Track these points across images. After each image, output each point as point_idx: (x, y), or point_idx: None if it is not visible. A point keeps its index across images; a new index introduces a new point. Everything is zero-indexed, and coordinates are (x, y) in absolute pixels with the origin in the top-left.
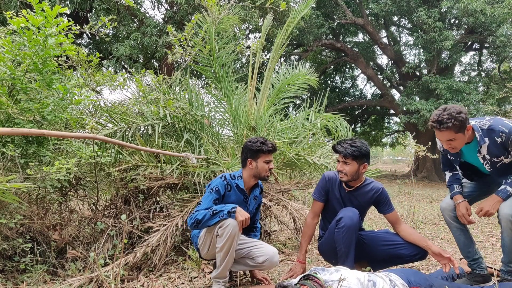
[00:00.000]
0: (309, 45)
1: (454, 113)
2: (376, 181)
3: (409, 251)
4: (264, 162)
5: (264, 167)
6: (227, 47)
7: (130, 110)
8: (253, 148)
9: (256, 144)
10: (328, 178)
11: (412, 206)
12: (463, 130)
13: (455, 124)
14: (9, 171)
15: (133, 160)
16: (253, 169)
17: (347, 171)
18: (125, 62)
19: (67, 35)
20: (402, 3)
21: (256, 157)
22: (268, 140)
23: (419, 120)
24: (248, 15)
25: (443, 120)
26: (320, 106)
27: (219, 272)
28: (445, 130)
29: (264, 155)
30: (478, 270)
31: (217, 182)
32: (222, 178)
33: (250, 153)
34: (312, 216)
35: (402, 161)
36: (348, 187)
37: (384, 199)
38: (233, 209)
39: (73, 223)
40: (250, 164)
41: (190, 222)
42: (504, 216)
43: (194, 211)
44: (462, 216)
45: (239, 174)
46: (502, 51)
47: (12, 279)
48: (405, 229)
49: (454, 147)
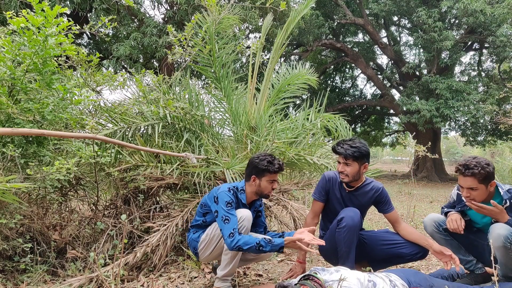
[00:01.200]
0: (309, 45)
1: (482, 162)
2: (376, 181)
3: (409, 250)
4: (268, 181)
5: (267, 187)
6: (227, 47)
7: (130, 110)
8: (259, 166)
9: (262, 162)
10: (328, 178)
11: (412, 206)
12: (486, 182)
13: (480, 172)
14: (9, 171)
15: (133, 160)
16: (256, 187)
17: (348, 172)
18: (125, 62)
19: (67, 35)
20: (402, 3)
21: (261, 175)
22: (276, 158)
23: (419, 120)
24: (248, 15)
25: (470, 166)
26: (320, 106)
27: (228, 271)
28: (469, 177)
29: (269, 174)
30: (477, 270)
31: (228, 196)
32: (231, 191)
33: (256, 170)
34: (312, 216)
35: (402, 161)
36: (349, 187)
37: (384, 199)
38: (281, 247)
39: (73, 223)
40: (254, 181)
41: (232, 246)
42: (495, 236)
43: (231, 232)
44: (453, 220)
45: (242, 187)
46: (502, 51)
47: (12, 279)
48: (405, 228)
49: (472, 198)
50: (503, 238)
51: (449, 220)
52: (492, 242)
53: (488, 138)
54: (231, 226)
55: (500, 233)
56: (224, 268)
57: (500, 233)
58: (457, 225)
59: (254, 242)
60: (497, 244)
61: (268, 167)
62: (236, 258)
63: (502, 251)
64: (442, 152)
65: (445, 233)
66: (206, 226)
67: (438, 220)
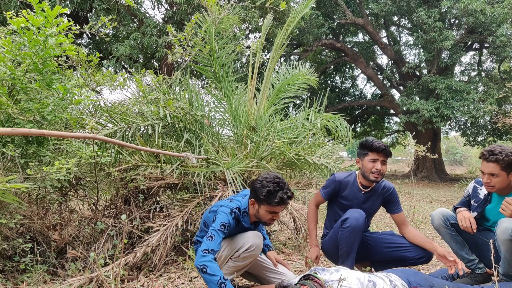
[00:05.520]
0: (309, 45)
1: (507, 150)
2: (387, 181)
3: (414, 254)
4: (267, 212)
5: (266, 216)
6: (227, 47)
7: (130, 110)
8: (257, 193)
9: (262, 190)
10: (340, 181)
11: (412, 206)
12: (508, 170)
13: (504, 159)
14: (9, 171)
15: (133, 160)
16: (255, 211)
17: (384, 171)
18: (125, 62)
19: (67, 35)
20: (402, 3)
21: (259, 203)
22: (282, 188)
23: (419, 120)
24: (248, 15)
25: (495, 151)
26: (320, 106)
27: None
28: (492, 162)
29: (268, 206)
30: (478, 270)
31: (227, 218)
32: (232, 214)
33: (254, 195)
34: (315, 204)
35: (402, 161)
36: (365, 188)
37: (394, 199)
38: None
39: (73, 223)
40: (253, 205)
41: (198, 264)
42: (502, 229)
43: (206, 249)
44: (466, 219)
45: (245, 209)
46: (502, 51)
47: (12, 279)
48: (411, 231)
49: (492, 185)
50: (511, 231)
51: (461, 218)
52: (498, 235)
53: (488, 138)
54: (211, 245)
55: (509, 226)
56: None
57: (508, 226)
58: (470, 223)
59: (217, 282)
60: (503, 237)
61: (266, 198)
62: (239, 270)
63: (508, 244)
64: (442, 152)
65: (451, 228)
66: None
67: (446, 214)
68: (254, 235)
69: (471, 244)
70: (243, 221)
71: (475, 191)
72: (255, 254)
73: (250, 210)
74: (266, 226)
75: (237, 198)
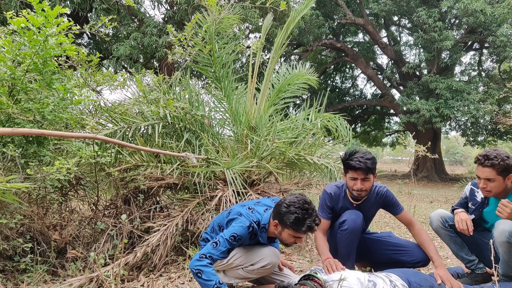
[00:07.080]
0: (309, 45)
1: (503, 154)
2: (379, 183)
3: (411, 258)
4: (290, 236)
5: (289, 240)
6: (227, 47)
7: (130, 110)
8: (284, 218)
9: (290, 216)
10: (331, 194)
11: (412, 206)
12: (504, 174)
13: (500, 164)
14: (9, 171)
15: (133, 160)
16: (277, 233)
17: (368, 187)
18: (125, 62)
19: (67, 35)
20: (402, 3)
21: (284, 226)
22: (310, 215)
23: (419, 120)
24: (248, 15)
25: (490, 156)
26: (320, 106)
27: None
28: (488, 167)
29: (293, 232)
30: (478, 270)
31: (242, 232)
32: (249, 229)
33: (279, 217)
34: (321, 231)
35: (402, 161)
36: (355, 200)
37: (390, 202)
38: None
39: (73, 223)
40: (275, 227)
41: (193, 266)
42: (499, 231)
43: (204, 254)
44: (463, 221)
45: (265, 225)
46: (502, 51)
47: (12, 279)
48: (417, 234)
49: (489, 190)
50: (508, 233)
51: (458, 220)
52: (496, 237)
53: (489, 138)
54: (212, 251)
55: (505, 228)
56: (227, 280)
57: (505, 228)
58: (467, 226)
59: (213, 286)
60: (501, 239)
61: (293, 225)
62: (245, 279)
63: (506, 246)
64: (442, 152)
65: (450, 229)
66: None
67: (445, 216)
68: (272, 253)
69: (470, 244)
70: (260, 237)
71: (472, 193)
72: (269, 271)
73: (270, 228)
74: (286, 247)
75: (258, 209)
